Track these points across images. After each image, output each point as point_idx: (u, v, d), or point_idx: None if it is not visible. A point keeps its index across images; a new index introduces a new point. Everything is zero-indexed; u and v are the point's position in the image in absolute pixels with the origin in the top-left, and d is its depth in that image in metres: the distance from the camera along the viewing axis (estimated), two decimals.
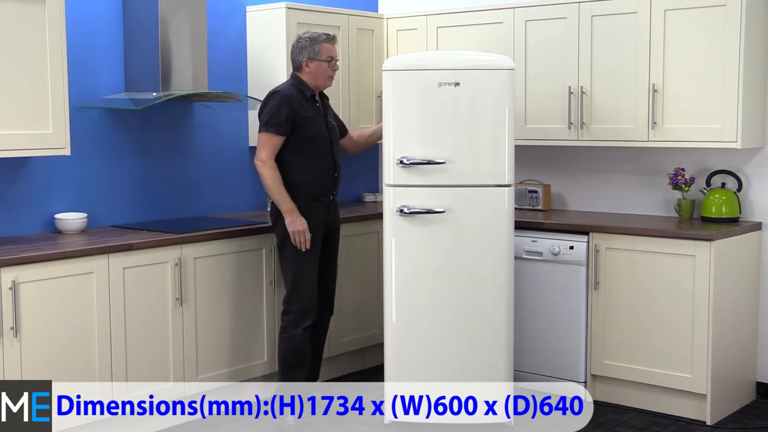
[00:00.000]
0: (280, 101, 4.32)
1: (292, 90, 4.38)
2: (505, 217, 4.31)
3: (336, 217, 4.61)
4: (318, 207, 4.43)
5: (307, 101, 4.40)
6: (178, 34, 4.64)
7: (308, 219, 4.35)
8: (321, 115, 4.47)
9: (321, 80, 4.45)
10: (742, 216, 4.78)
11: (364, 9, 5.80)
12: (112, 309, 4.11)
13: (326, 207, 4.48)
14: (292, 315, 4.40)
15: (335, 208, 4.59)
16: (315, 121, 4.40)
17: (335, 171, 4.50)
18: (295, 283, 4.39)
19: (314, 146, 4.39)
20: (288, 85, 4.43)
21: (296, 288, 4.39)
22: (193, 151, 5.08)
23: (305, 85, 4.42)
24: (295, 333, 4.38)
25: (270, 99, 4.37)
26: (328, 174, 4.46)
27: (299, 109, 4.34)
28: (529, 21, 5.09)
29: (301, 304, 4.39)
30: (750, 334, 4.78)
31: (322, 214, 4.45)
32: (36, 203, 4.43)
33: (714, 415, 4.49)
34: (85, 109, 4.56)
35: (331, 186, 4.50)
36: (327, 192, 4.47)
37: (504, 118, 4.28)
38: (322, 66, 4.42)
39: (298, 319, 4.39)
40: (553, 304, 4.86)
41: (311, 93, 4.42)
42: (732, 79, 4.46)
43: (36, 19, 4.02)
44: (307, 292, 4.40)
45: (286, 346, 4.40)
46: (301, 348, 4.40)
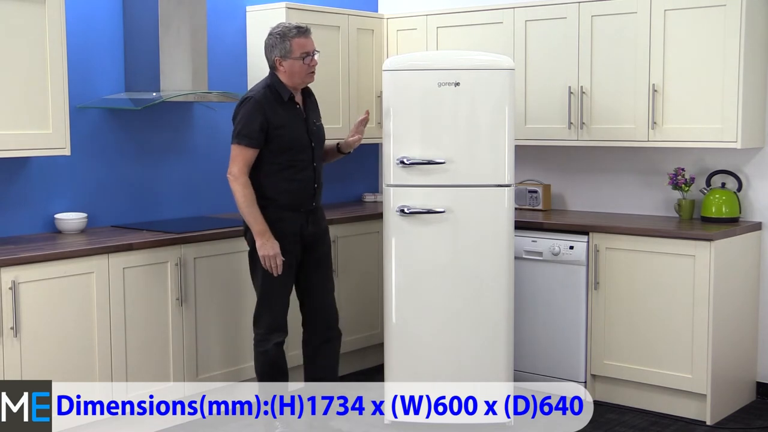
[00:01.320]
0: (253, 109, 3.95)
1: (267, 94, 4.00)
2: (505, 217, 4.31)
3: (319, 227, 4.19)
4: (293, 217, 4.06)
5: (284, 105, 4.02)
6: (178, 34, 4.64)
7: (281, 230, 4.01)
8: (301, 118, 4.07)
9: (298, 79, 4.03)
10: (742, 216, 4.78)
11: (364, 9, 5.80)
12: (112, 309, 4.11)
13: (304, 217, 4.10)
14: (262, 329, 4.12)
15: (318, 217, 4.19)
16: (293, 128, 4.02)
17: (315, 181, 4.11)
18: (264, 296, 4.10)
19: (292, 156, 4.03)
20: (262, 88, 4.03)
21: (264, 302, 4.11)
22: (193, 151, 5.08)
23: (282, 86, 4.02)
24: (267, 348, 4.11)
25: (242, 107, 4.00)
26: (307, 185, 4.08)
27: (273, 118, 3.96)
28: (529, 21, 5.09)
29: (269, 319, 4.10)
30: (750, 334, 4.78)
31: (296, 224, 4.07)
32: (36, 203, 4.43)
33: (714, 415, 4.48)
34: (85, 109, 4.56)
35: (311, 197, 4.11)
36: (305, 203, 4.10)
37: (504, 118, 4.28)
38: (296, 64, 4.00)
39: (267, 333, 4.11)
40: (553, 305, 4.86)
41: (289, 95, 4.03)
42: (732, 79, 4.46)
43: (36, 19, 4.02)
44: (276, 308, 4.10)
45: (261, 360, 4.16)
46: (276, 361, 4.14)
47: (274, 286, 4.06)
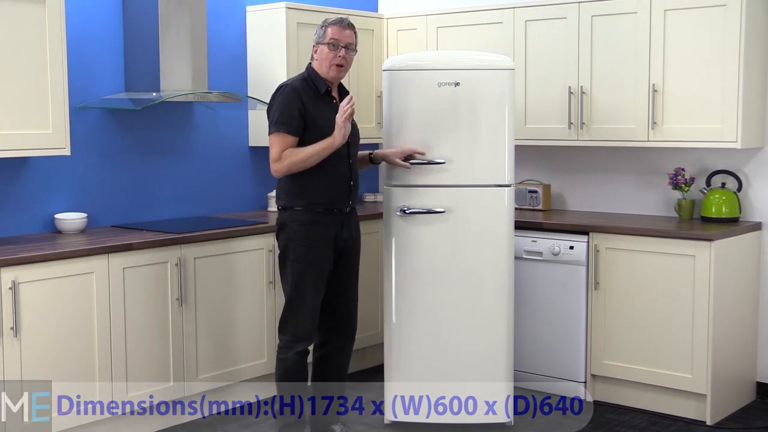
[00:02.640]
0: (290, 96, 3.83)
1: (302, 84, 3.90)
2: (505, 217, 4.31)
3: (354, 232, 4.08)
4: (328, 221, 3.93)
5: (320, 97, 3.92)
6: (178, 34, 4.64)
7: (314, 235, 3.89)
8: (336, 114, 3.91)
9: (325, 67, 3.91)
10: (742, 216, 4.78)
11: (364, 9, 5.80)
12: (112, 309, 4.11)
13: (339, 221, 3.97)
14: (287, 336, 3.97)
15: (352, 222, 4.07)
16: (329, 122, 3.86)
17: (351, 178, 4.00)
18: (292, 303, 3.94)
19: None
20: (298, 78, 3.95)
21: (292, 308, 3.95)
22: (193, 151, 5.08)
23: (319, 78, 3.92)
24: (287, 356, 3.96)
25: (277, 94, 3.89)
26: (343, 181, 3.96)
27: (310, 106, 3.85)
28: (529, 21, 5.09)
29: (296, 326, 3.95)
30: (750, 334, 4.78)
31: (332, 229, 3.94)
32: (36, 203, 4.43)
33: (714, 415, 4.48)
34: (85, 109, 4.56)
35: (346, 195, 3.98)
36: (341, 202, 3.97)
37: (504, 118, 4.28)
38: (324, 50, 3.90)
39: (292, 341, 3.96)
40: (553, 304, 4.86)
41: (326, 87, 3.93)
42: (732, 79, 4.46)
43: (36, 19, 4.02)
44: (305, 315, 3.94)
45: (279, 368, 4.01)
46: (294, 372, 3.99)
47: (303, 291, 3.91)
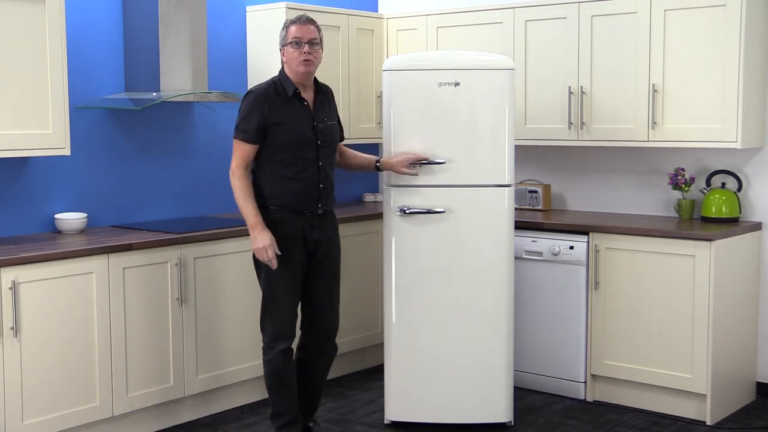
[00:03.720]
0: (252, 104, 3.88)
1: (270, 89, 3.91)
2: (505, 217, 4.31)
3: (328, 234, 4.03)
4: (296, 220, 3.92)
5: (288, 101, 3.91)
6: (177, 35, 4.64)
7: (282, 233, 3.88)
8: (306, 116, 3.93)
9: (294, 67, 3.89)
10: (742, 216, 4.79)
11: (364, 9, 5.81)
12: (112, 309, 4.11)
13: (310, 222, 3.94)
14: (267, 336, 3.97)
15: (325, 224, 4.02)
16: (295, 125, 3.89)
17: (321, 181, 3.95)
18: (267, 303, 3.96)
19: (294, 154, 3.88)
20: (267, 83, 3.96)
21: (268, 308, 3.96)
22: (193, 151, 5.09)
23: (288, 81, 3.93)
24: (271, 356, 3.95)
25: (243, 100, 3.94)
26: (311, 185, 3.92)
27: (272, 114, 3.86)
28: (529, 21, 5.09)
29: (273, 326, 3.95)
30: (750, 334, 4.78)
31: (299, 228, 3.92)
32: (36, 203, 4.43)
33: (714, 415, 4.48)
34: (85, 109, 4.56)
35: (316, 199, 3.94)
36: (310, 205, 3.93)
37: (504, 118, 4.28)
38: (289, 50, 3.88)
39: (272, 341, 3.95)
40: (553, 304, 4.86)
41: (294, 90, 3.91)
42: (732, 79, 4.46)
43: (36, 19, 4.03)
44: (280, 313, 3.93)
45: (265, 370, 4.00)
46: (280, 371, 3.96)
47: (277, 291, 3.93)
